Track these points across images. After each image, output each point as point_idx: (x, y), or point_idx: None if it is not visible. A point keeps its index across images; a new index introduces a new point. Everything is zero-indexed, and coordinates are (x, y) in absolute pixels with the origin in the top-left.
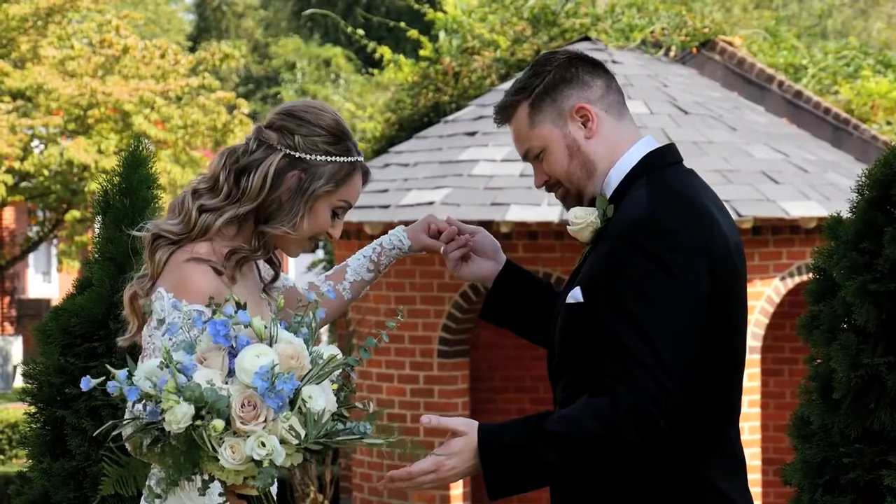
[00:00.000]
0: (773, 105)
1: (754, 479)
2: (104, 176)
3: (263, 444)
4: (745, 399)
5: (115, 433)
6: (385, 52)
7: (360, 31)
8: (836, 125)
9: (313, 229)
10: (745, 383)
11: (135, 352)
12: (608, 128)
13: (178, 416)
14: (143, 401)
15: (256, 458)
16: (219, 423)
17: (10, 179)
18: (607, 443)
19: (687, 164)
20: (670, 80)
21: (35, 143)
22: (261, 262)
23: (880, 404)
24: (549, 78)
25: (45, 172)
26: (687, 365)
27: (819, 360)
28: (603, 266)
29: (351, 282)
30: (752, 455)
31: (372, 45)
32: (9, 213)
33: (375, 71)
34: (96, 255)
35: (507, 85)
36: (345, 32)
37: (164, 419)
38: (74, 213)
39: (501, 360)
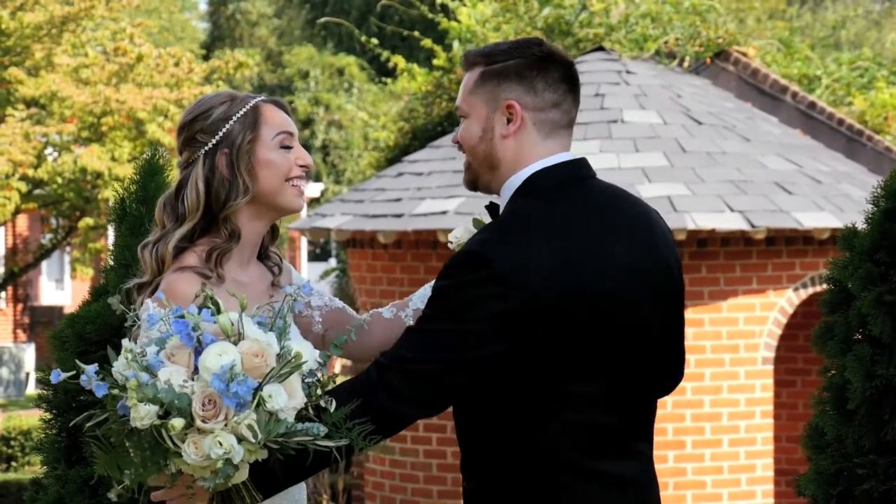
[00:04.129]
0: (787, 116)
1: (766, 489)
2: (121, 184)
3: (221, 444)
4: (757, 410)
5: (89, 424)
6: (399, 61)
7: (374, 40)
8: (849, 136)
9: (279, 174)
10: (759, 394)
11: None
12: (526, 138)
13: (142, 413)
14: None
15: (213, 456)
16: (178, 423)
17: (23, 187)
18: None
19: (700, 174)
20: (684, 91)
21: (49, 150)
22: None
23: (895, 415)
24: (510, 63)
25: (59, 180)
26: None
27: (833, 371)
28: None
29: (414, 310)
30: (765, 466)
31: (385, 54)
32: (22, 221)
33: (389, 80)
34: (112, 263)
35: None
36: (358, 41)
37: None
38: (88, 221)
39: None
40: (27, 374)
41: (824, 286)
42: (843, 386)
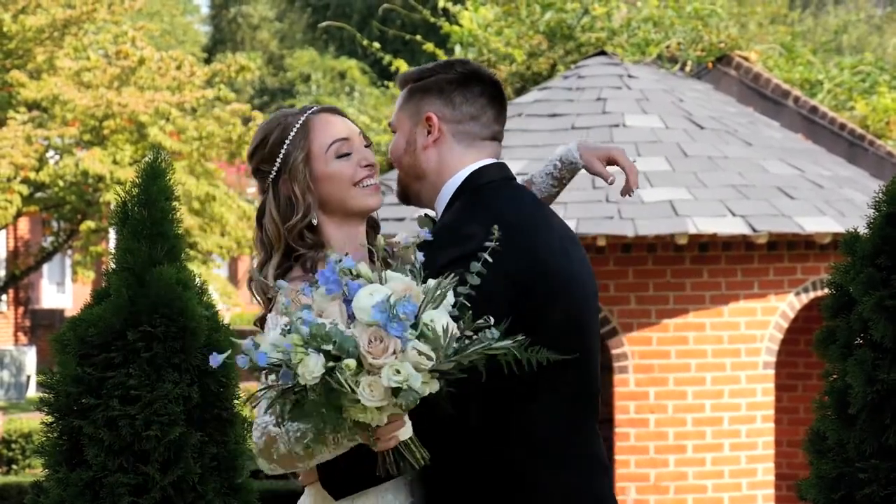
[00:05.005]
0: (789, 120)
1: (767, 494)
2: (122, 187)
3: (398, 372)
4: (758, 414)
5: (254, 405)
6: (401, 65)
7: (376, 44)
8: (851, 141)
9: (342, 184)
10: (759, 398)
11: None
12: (448, 148)
13: (311, 366)
14: (274, 373)
15: (394, 385)
16: (351, 362)
17: (25, 190)
18: None
19: (702, 178)
20: (686, 95)
21: (50, 153)
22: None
23: None
24: (431, 80)
25: (61, 183)
26: None
27: (835, 376)
28: None
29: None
30: (766, 470)
31: (387, 57)
32: (23, 224)
33: (390, 84)
34: (113, 266)
35: (523, 99)
36: (360, 45)
37: (298, 376)
38: (89, 224)
39: None
40: (28, 377)
41: (825, 291)
42: (845, 390)
